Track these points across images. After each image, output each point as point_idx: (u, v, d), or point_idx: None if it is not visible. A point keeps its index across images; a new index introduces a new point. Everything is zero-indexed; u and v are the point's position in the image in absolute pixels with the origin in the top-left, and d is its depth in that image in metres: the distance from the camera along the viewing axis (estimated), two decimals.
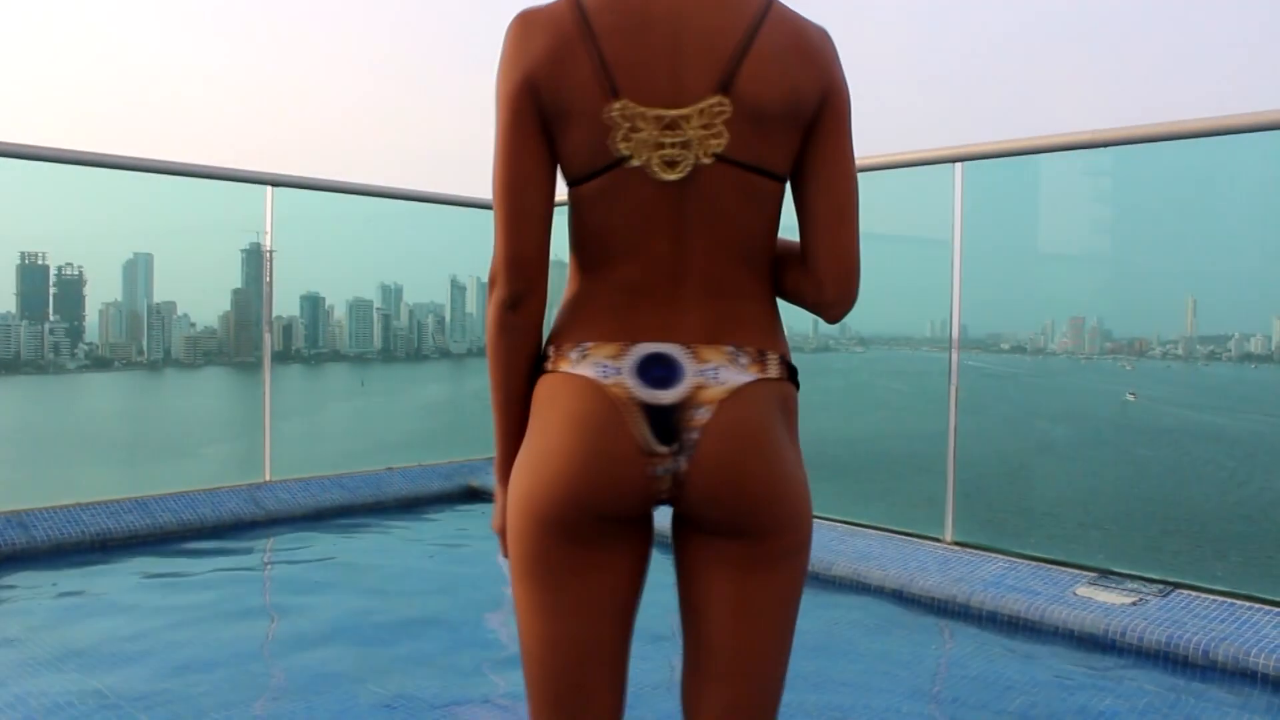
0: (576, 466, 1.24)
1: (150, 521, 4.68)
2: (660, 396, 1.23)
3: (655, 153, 1.23)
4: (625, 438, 1.23)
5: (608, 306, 1.29)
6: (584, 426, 1.24)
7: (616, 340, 1.26)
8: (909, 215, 6.44)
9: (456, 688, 3.00)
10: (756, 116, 1.24)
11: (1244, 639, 3.16)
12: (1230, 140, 3.62)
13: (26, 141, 4.63)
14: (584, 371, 1.25)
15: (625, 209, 1.26)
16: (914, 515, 4.67)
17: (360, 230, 8.08)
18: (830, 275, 1.33)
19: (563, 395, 1.26)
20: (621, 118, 1.22)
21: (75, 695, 2.83)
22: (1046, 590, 3.68)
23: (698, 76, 1.23)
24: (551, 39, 1.23)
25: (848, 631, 3.61)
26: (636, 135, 1.23)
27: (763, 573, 1.30)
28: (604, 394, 1.24)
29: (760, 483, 1.26)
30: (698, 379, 1.24)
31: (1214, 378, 19.48)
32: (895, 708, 2.88)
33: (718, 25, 1.24)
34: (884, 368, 11.82)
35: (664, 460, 1.23)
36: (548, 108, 1.25)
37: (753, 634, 1.32)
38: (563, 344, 1.29)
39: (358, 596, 3.96)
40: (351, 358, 12.34)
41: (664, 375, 1.24)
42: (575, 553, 1.27)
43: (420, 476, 5.88)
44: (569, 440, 1.24)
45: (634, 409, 1.23)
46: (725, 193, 1.26)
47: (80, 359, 10.68)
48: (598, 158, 1.25)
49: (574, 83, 1.23)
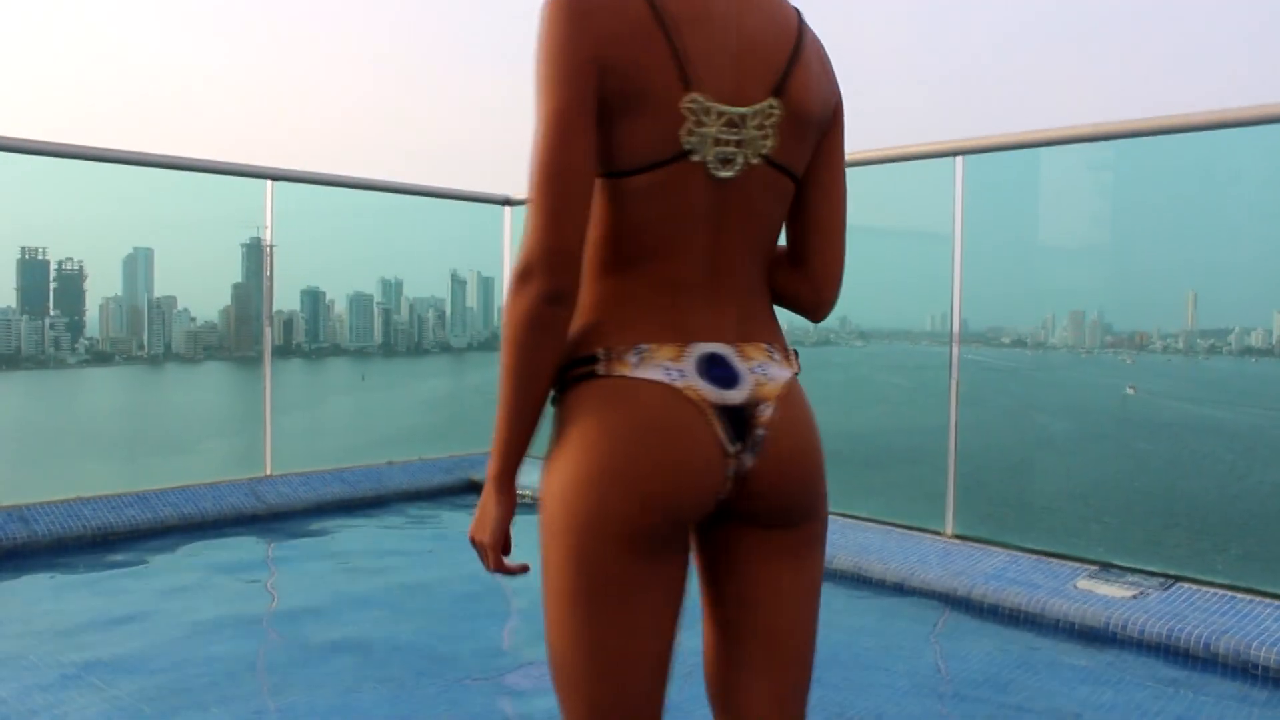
0: (666, 476, 1.20)
1: (151, 516, 4.69)
2: (729, 397, 1.23)
3: (714, 149, 1.22)
4: (710, 441, 1.22)
5: (655, 305, 1.25)
6: (667, 432, 1.20)
7: (673, 341, 1.24)
8: (909, 209, 6.43)
9: (458, 679, 3.00)
10: (798, 122, 1.27)
11: (1245, 632, 3.16)
12: (1231, 134, 3.61)
13: (26, 136, 4.63)
14: (650, 375, 1.21)
15: (676, 204, 1.24)
16: (915, 509, 4.68)
17: (360, 225, 8.08)
18: (828, 277, 1.38)
19: (631, 401, 1.21)
20: (690, 110, 1.20)
21: (77, 689, 2.83)
22: (1047, 583, 3.68)
23: (757, 79, 1.24)
24: (622, 22, 1.18)
25: (849, 625, 3.61)
26: (701, 130, 1.21)
27: (805, 558, 1.33)
28: (681, 398, 1.21)
29: (813, 472, 1.31)
30: (754, 377, 1.26)
31: (1214, 371, 19.49)
32: (896, 701, 2.89)
33: (771, 31, 1.26)
34: (884, 362, 11.82)
35: (735, 460, 1.24)
36: (614, 92, 1.19)
37: (804, 619, 1.35)
38: (614, 345, 1.23)
39: (358, 590, 3.96)
40: (352, 352, 12.35)
41: (726, 375, 1.24)
42: (646, 567, 1.23)
43: (421, 470, 5.88)
44: (660, 451, 1.20)
45: (711, 411, 1.22)
46: (762, 193, 1.28)
47: (81, 354, 10.69)
48: (662, 149, 1.21)
49: (649, 69, 1.19)
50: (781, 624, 1.33)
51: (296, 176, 5.54)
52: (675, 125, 1.20)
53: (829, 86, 1.32)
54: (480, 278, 10.00)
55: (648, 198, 1.23)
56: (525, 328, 1.20)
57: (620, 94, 1.19)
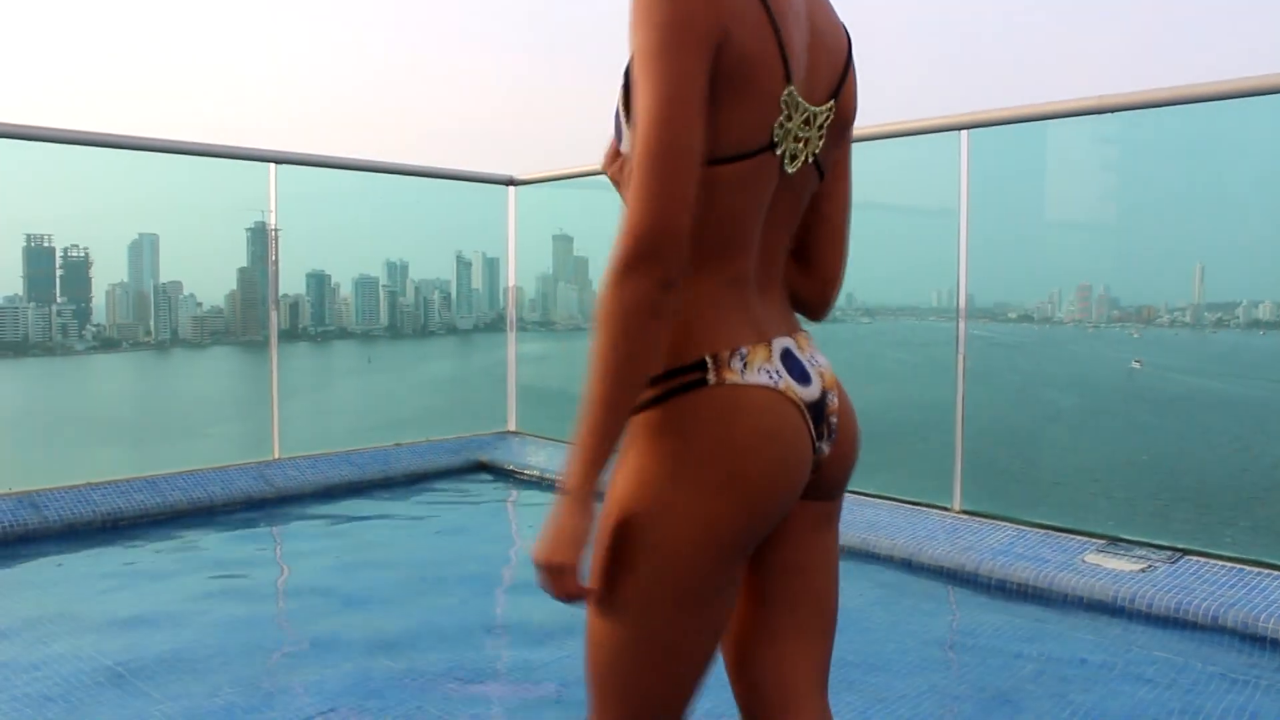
0: (778, 482, 1.19)
1: (161, 500, 4.71)
2: (810, 393, 1.23)
3: (791, 144, 1.21)
4: (808, 440, 1.22)
5: (734, 303, 1.22)
6: (779, 439, 1.19)
7: (760, 341, 1.21)
8: (915, 184, 6.40)
9: (467, 661, 3.01)
10: (841, 125, 1.29)
11: (1252, 604, 3.17)
12: (1240, 104, 3.59)
13: (29, 123, 4.63)
14: (758, 380, 1.18)
15: (754, 197, 1.21)
16: (922, 485, 4.68)
17: (365, 207, 8.06)
18: (832, 277, 1.39)
19: (746, 410, 1.17)
20: (786, 104, 1.18)
21: (88, 671, 2.85)
22: (1055, 558, 3.69)
23: (825, 80, 1.25)
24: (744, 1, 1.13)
25: (856, 601, 3.61)
26: (787, 124, 1.19)
27: (835, 525, 1.37)
28: (786, 401, 1.20)
29: (857, 450, 1.35)
30: (816, 368, 1.27)
31: (1222, 345, 19.42)
32: (904, 676, 2.89)
33: (833, 32, 1.26)
34: (891, 338, 11.80)
35: (819, 453, 1.26)
36: (729, 71, 1.13)
37: (836, 583, 1.38)
38: (719, 351, 1.18)
39: (367, 571, 3.97)
40: (358, 335, 12.35)
41: (802, 371, 1.23)
42: (734, 571, 1.22)
43: (428, 452, 5.89)
44: (768, 458, 1.18)
45: (806, 410, 1.22)
46: (805, 190, 1.28)
47: (88, 340, 10.71)
48: (756, 138, 1.18)
49: (761, 55, 1.14)
50: (824, 587, 1.35)
51: (300, 159, 5.53)
52: (771, 116, 1.17)
53: (856, 94, 1.33)
54: (485, 259, 9.99)
55: (735, 189, 1.19)
56: (636, 317, 1.08)
57: (732, 76, 1.13)
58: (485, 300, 10.93)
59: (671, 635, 1.21)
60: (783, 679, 1.33)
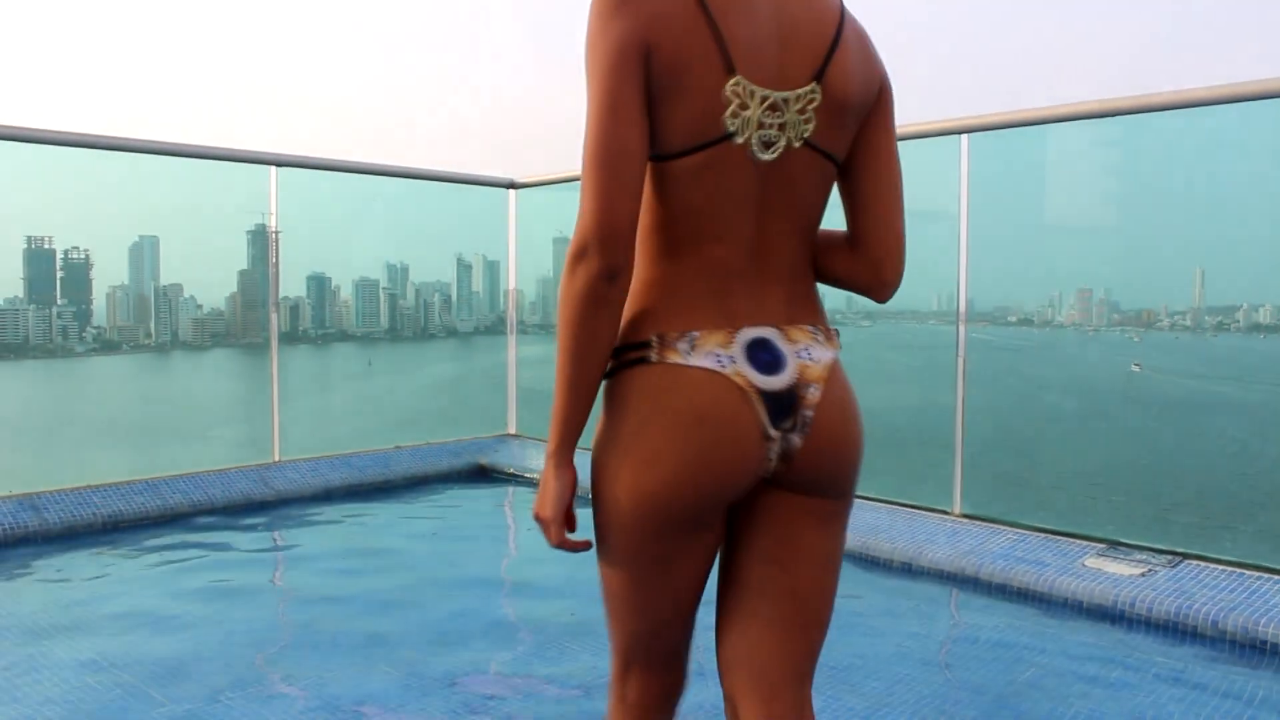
0: (710, 463, 1.26)
1: (161, 503, 4.71)
2: (774, 382, 1.28)
3: (756, 131, 1.26)
4: (752, 426, 1.27)
5: (704, 291, 1.30)
6: (714, 420, 1.26)
7: (722, 327, 1.28)
8: (915, 188, 6.39)
9: (467, 663, 3.01)
10: (838, 107, 1.31)
11: (1253, 609, 3.16)
12: (1240, 109, 3.58)
13: (29, 125, 4.63)
14: (701, 363, 1.26)
15: (720, 187, 1.27)
16: (922, 488, 4.67)
17: (366, 210, 8.08)
18: (885, 257, 1.40)
19: (685, 389, 1.26)
20: (734, 94, 1.24)
21: (89, 675, 2.85)
22: (1055, 562, 3.68)
23: (798, 64, 1.28)
24: (667, 7, 1.22)
25: (857, 604, 3.61)
26: (744, 113, 1.25)
27: (830, 526, 1.40)
28: (730, 386, 1.26)
29: (854, 452, 1.37)
30: (798, 360, 1.30)
31: (1222, 348, 19.42)
32: (905, 680, 2.89)
33: (812, 17, 1.30)
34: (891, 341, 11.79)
35: (779, 442, 1.29)
36: (660, 76, 1.23)
37: (824, 583, 1.42)
38: (666, 332, 1.28)
39: (367, 575, 3.97)
40: (359, 337, 12.35)
41: (771, 360, 1.29)
42: (685, 541, 1.32)
43: (428, 455, 5.89)
44: (700, 438, 1.26)
45: (756, 397, 1.27)
46: (804, 176, 1.31)
47: (88, 342, 10.70)
48: (706, 131, 1.25)
49: (693, 54, 1.23)
50: (804, 582, 1.39)
51: (301, 162, 5.53)
52: (719, 109, 1.24)
53: (870, 71, 1.35)
54: (486, 261, 10.01)
55: (693, 181, 1.27)
56: (582, 305, 1.22)
57: (667, 77, 1.23)
58: (486, 303, 10.95)
59: (626, 589, 1.37)
60: (755, 666, 1.40)
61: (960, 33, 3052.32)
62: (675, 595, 1.38)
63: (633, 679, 1.48)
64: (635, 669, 1.48)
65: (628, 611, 1.41)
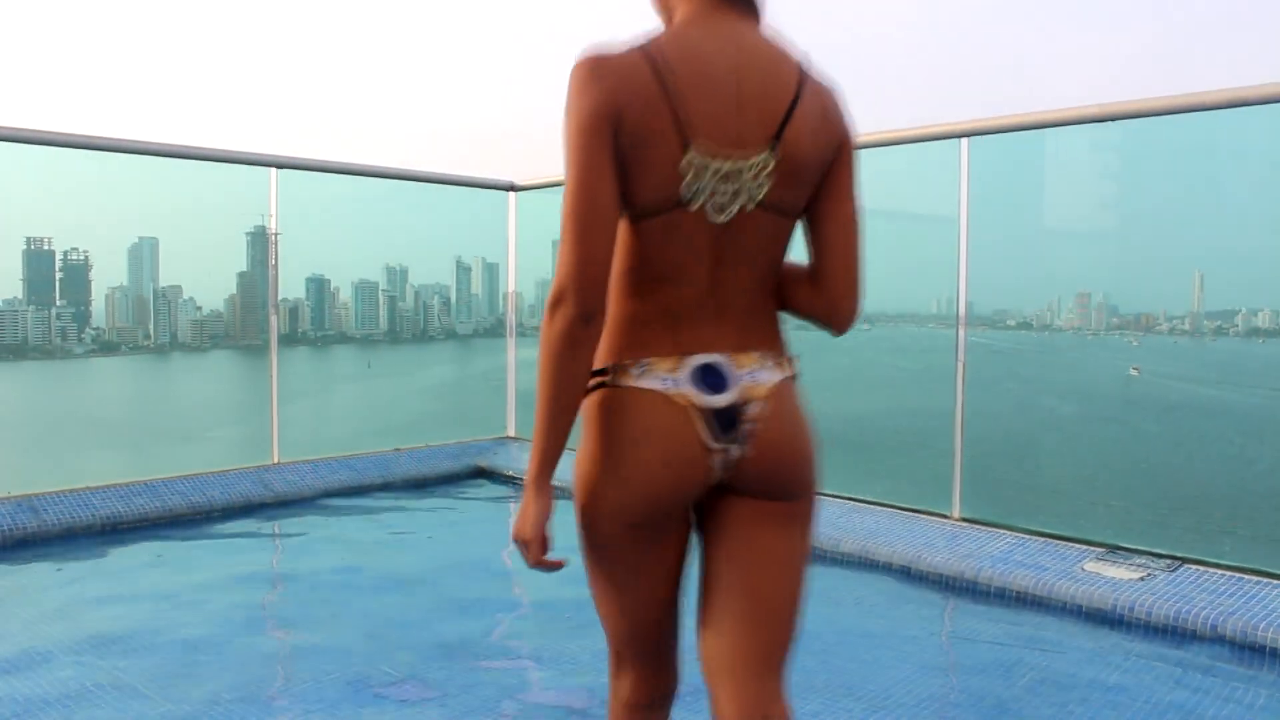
0: (656, 472, 1.43)
1: (160, 505, 4.71)
2: (716, 400, 1.43)
3: (710, 198, 1.41)
4: (692, 438, 1.42)
5: (661, 326, 1.46)
6: (658, 435, 1.42)
7: (672, 355, 1.44)
8: (915, 192, 6.40)
9: (466, 665, 3.01)
10: (793, 170, 1.44)
11: (1252, 613, 3.17)
12: (1239, 114, 3.59)
13: (29, 126, 4.63)
14: (649, 385, 1.43)
15: (679, 243, 1.43)
16: (921, 492, 4.68)
17: (365, 212, 8.07)
18: (839, 295, 1.54)
19: (633, 408, 1.43)
20: (689, 166, 1.39)
21: (88, 677, 2.85)
22: (1054, 566, 3.69)
23: (753, 135, 1.41)
24: (633, 86, 1.37)
25: (856, 608, 3.62)
26: (698, 183, 1.39)
27: (789, 529, 1.52)
28: (671, 404, 1.42)
29: (800, 457, 1.50)
30: (743, 382, 1.45)
31: (1221, 353, 19.43)
32: (903, 683, 2.89)
33: (769, 89, 1.42)
34: (890, 345, 11.80)
35: (722, 453, 1.44)
36: (626, 146, 1.38)
37: (785, 582, 1.53)
38: (624, 360, 1.45)
39: (367, 577, 3.97)
40: (358, 339, 12.35)
41: (716, 382, 1.43)
42: (645, 543, 1.49)
43: (428, 457, 5.89)
44: (648, 450, 1.42)
45: (696, 413, 1.42)
46: (758, 232, 1.46)
47: (87, 344, 10.70)
48: (666, 198, 1.40)
49: (653, 129, 1.37)
50: (764, 582, 1.51)
51: (301, 164, 5.53)
52: (677, 179, 1.39)
53: (829, 131, 1.48)
54: (485, 264, 10.01)
55: (656, 237, 1.43)
56: (560, 346, 1.37)
57: (631, 150, 1.38)
58: (485, 305, 10.95)
59: (611, 591, 1.55)
60: (725, 660, 1.50)
61: (960, 37, 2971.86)
62: (648, 593, 1.53)
63: (624, 677, 1.63)
64: (625, 667, 1.62)
65: (610, 610, 1.57)
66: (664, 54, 1.39)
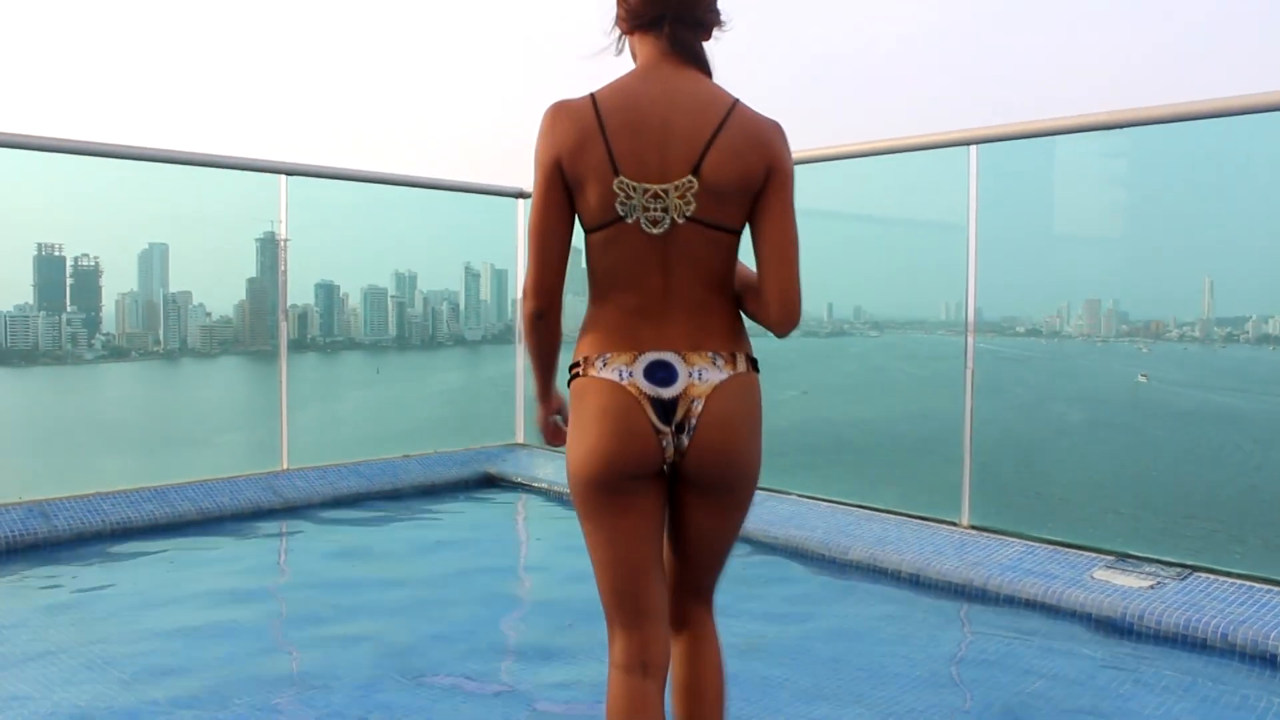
0: (609, 442, 1.75)
1: (170, 510, 4.72)
2: (663, 392, 1.75)
3: (643, 214, 1.73)
4: (642, 419, 1.74)
5: (619, 325, 1.78)
6: (612, 413, 1.75)
7: (629, 350, 1.76)
8: (923, 199, 6.39)
9: (474, 673, 3.01)
10: (716, 191, 1.73)
11: (1263, 622, 3.15)
12: (1249, 120, 3.58)
13: (41, 134, 4.65)
14: (608, 375, 1.76)
15: (625, 252, 1.76)
16: (930, 499, 4.67)
17: (374, 218, 8.09)
18: (775, 303, 1.79)
19: (593, 393, 1.77)
20: (619, 189, 1.72)
21: (98, 682, 2.86)
22: (1064, 574, 3.68)
23: (677, 164, 1.72)
24: (577, 128, 1.73)
25: (864, 615, 3.61)
26: (630, 202, 1.72)
27: (721, 516, 1.88)
28: (625, 391, 1.74)
29: (733, 458, 1.79)
30: (689, 379, 1.75)
31: (1231, 359, 19.35)
32: (912, 691, 2.89)
33: (693, 127, 1.73)
34: (899, 351, 11.78)
35: (668, 436, 1.76)
36: (570, 177, 1.75)
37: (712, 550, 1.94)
38: (590, 355, 1.79)
39: (376, 583, 3.98)
40: (366, 345, 12.36)
41: (665, 376, 1.75)
42: (616, 501, 1.80)
43: (437, 464, 5.90)
44: (604, 425, 1.75)
45: (645, 400, 1.74)
46: (695, 242, 1.75)
47: (97, 349, 10.74)
48: (606, 215, 1.74)
49: (592, 163, 1.72)
50: (698, 541, 1.92)
51: (310, 171, 5.55)
52: (612, 199, 1.72)
53: (753, 159, 1.74)
54: (494, 270, 10.02)
55: (607, 247, 1.77)
56: (527, 327, 1.87)
57: (575, 179, 1.74)
58: (493, 311, 10.94)
59: (598, 546, 1.85)
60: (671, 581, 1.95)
61: (970, 45, 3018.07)
62: (624, 551, 1.83)
63: (614, 639, 1.87)
64: (614, 628, 1.87)
65: (596, 569, 1.86)
66: (608, 102, 1.74)
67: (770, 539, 4.41)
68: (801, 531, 4.38)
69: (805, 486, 5.05)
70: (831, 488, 5.01)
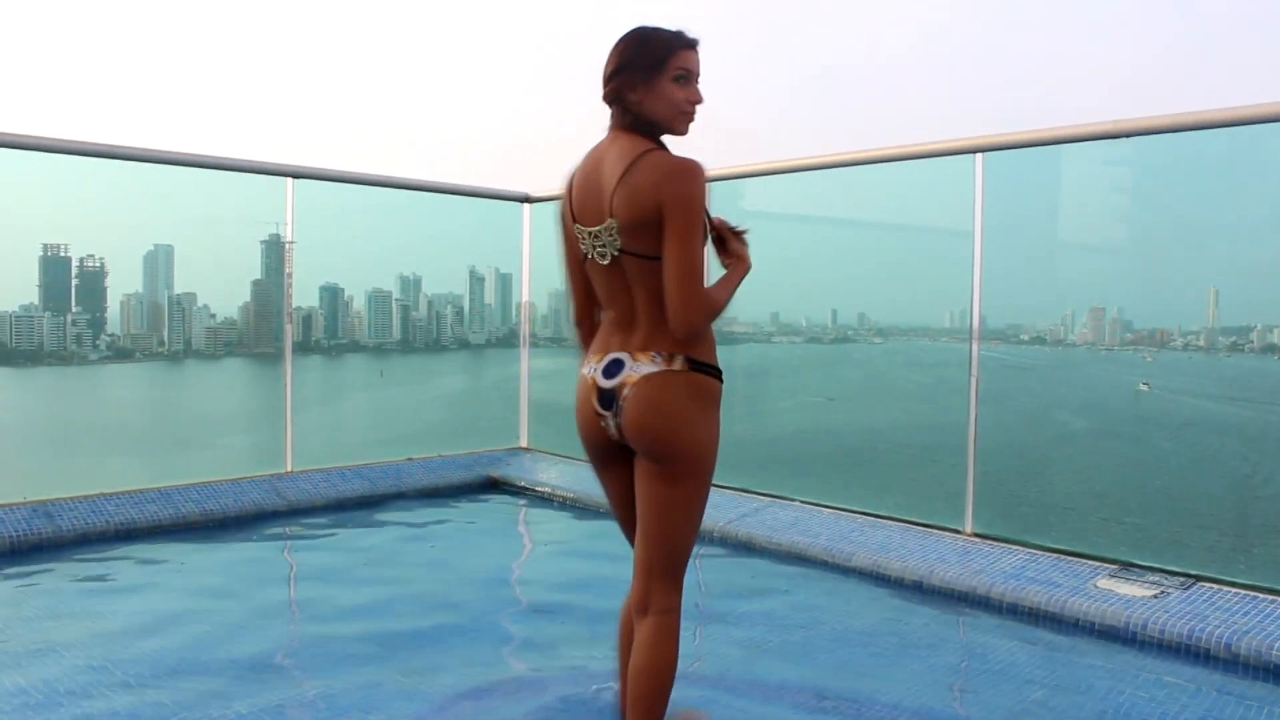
0: (578, 422, 2.27)
1: (173, 512, 4.73)
2: (607, 383, 2.16)
3: (595, 250, 2.16)
4: (588, 405, 2.22)
5: (601, 334, 2.25)
6: (580, 400, 2.24)
7: (600, 353, 2.22)
8: (929, 206, 6.39)
9: (477, 675, 3.01)
10: (627, 227, 2.08)
11: (1267, 632, 3.15)
12: (1254, 130, 3.58)
13: (48, 135, 4.66)
14: (584, 372, 2.25)
15: (600, 281, 2.21)
16: (934, 507, 4.66)
17: (379, 222, 8.09)
18: (672, 316, 2.06)
19: (578, 383, 2.26)
20: (578, 233, 2.20)
21: (102, 682, 2.86)
22: (1067, 582, 3.67)
23: (602, 208, 2.12)
24: (566, 187, 2.25)
25: (867, 622, 3.61)
26: (584, 242, 2.18)
27: (660, 482, 2.15)
28: (588, 382, 2.21)
29: (655, 430, 2.12)
30: (629, 372, 2.14)
31: (1236, 369, 19.29)
32: (914, 699, 2.89)
33: (609, 176, 2.10)
34: (903, 359, 11.77)
35: (607, 418, 2.18)
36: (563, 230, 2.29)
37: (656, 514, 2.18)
38: (586, 356, 2.28)
39: (379, 586, 3.98)
40: (371, 348, 12.36)
41: (613, 371, 2.16)
42: (600, 472, 2.34)
43: (440, 467, 5.91)
44: (578, 408, 2.26)
45: (595, 389, 2.19)
46: (639, 269, 2.11)
47: (102, 350, 10.74)
48: (580, 253, 2.22)
49: (566, 214, 2.25)
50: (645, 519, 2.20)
51: (316, 174, 5.56)
52: (578, 241, 2.21)
53: (648, 198, 2.03)
54: (499, 274, 10.03)
55: (592, 277, 2.23)
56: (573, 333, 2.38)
57: (566, 227, 2.27)
58: (498, 315, 10.94)
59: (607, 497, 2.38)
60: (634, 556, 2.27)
61: (976, 53, 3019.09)
62: (614, 505, 2.36)
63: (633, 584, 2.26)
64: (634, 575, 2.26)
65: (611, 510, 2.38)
66: (579, 164, 2.20)
67: (773, 545, 4.41)
68: (805, 538, 4.38)
69: (808, 493, 5.05)
70: (835, 494, 5.01)
